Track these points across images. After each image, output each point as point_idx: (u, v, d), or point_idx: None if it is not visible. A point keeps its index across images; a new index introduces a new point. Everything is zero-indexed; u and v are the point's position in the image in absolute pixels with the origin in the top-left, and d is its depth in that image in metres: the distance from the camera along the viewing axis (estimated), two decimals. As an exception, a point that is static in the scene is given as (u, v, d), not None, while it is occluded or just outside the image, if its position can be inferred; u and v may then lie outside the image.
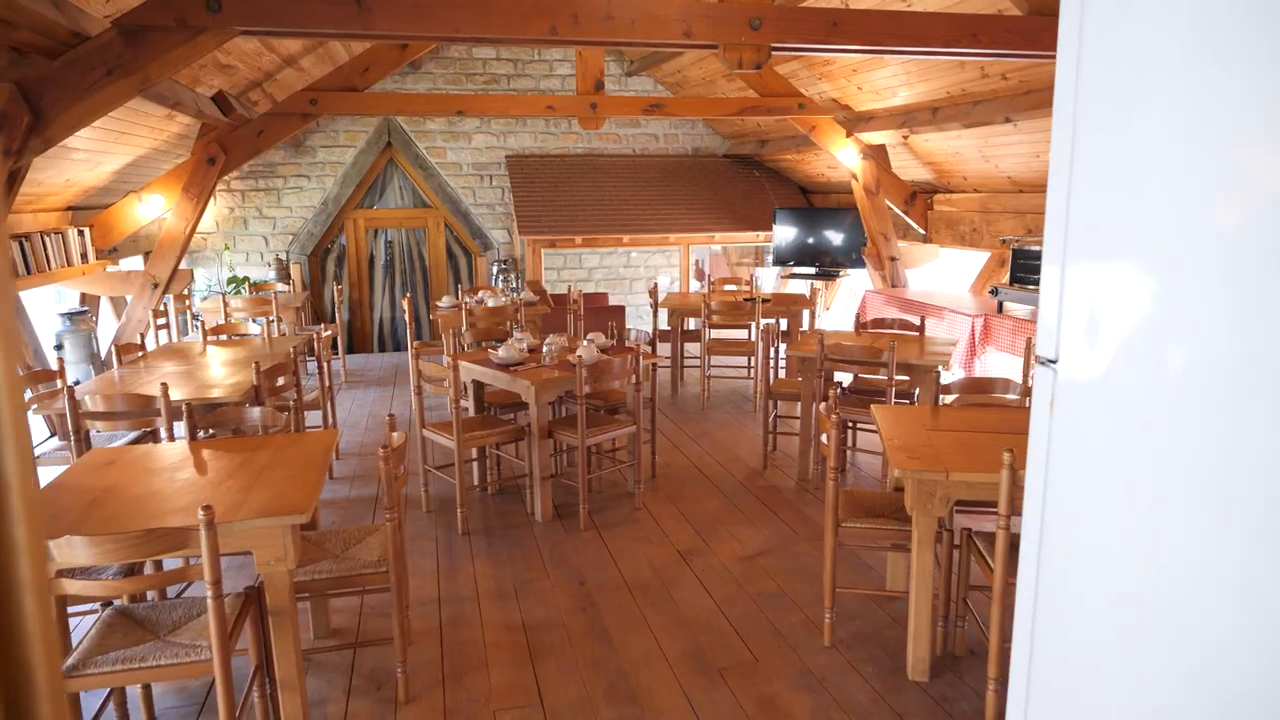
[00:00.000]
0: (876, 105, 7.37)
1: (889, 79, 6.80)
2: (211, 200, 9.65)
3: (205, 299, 9.01)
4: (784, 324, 7.27)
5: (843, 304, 10.91)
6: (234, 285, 9.47)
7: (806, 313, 7.31)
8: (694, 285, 10.49)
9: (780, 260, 9.40)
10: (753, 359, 7.14)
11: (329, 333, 5.62)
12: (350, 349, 10.46)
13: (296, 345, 4.86)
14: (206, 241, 9.77)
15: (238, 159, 6.66)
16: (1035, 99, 5.63)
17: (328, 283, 10.24)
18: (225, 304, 7.10)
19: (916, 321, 5.61)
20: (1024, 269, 5.86)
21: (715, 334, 7.00)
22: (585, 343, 4.87)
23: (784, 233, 9.24)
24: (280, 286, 8.61)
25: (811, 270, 9.21)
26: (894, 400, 4.66)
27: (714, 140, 10.94)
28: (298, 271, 9.79)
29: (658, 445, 5.60)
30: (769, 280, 10.73)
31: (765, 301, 6.93)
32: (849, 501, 3.41)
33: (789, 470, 5.38)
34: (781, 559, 4.10)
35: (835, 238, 8.95)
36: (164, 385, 3.79)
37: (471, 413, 5.04)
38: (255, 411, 3.46)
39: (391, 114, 8.84)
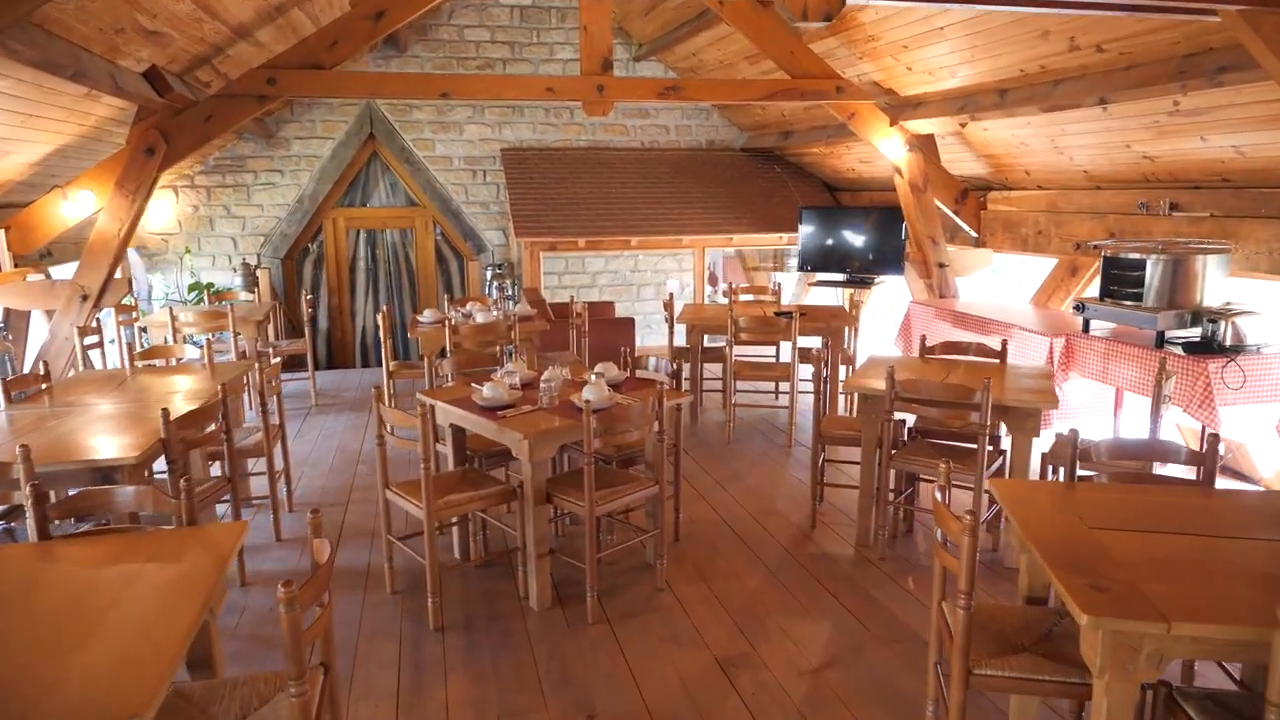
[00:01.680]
0: (928, 88, 6.36)
1: (945, 56, 5.78)
2: (174, 197, 8.67)
3: (164, 307, 8.03)
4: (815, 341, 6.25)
5: (872, 313, 9.88)
6: (196, 293, 8.47)
7: (847, 329, 6.30)
8: (705, 292, 9.46)
9: (803, 265, 8.36)
10: (783, 384, 6.13)
11: (278, 359, 4.60)
12: (329, 363, 9.45)
13: (228, 382, 3.84)
14: (168, 244, 8.75)
15: (182, 148, 5.63)
16: (1139, 75, 4.61)
17: (303, 290, 9.22)
18: (173, 318, 6.08)
19: (993, 344, 4.61)
20: (1120, 280, 4.83)
21: (738, 350, 5.99)
22: (593, 377, 3.86)
23: (809, 234, 8.20)
24: (244, 295, 7.60)
25: (840, 276, 8.15)
26: (985, 452, 3.66)
27: (731, 132, 9.93)
28: (266, 278, 8.76)
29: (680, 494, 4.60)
30: (790, 287, 9.70)
31: (802, 315, 5.92)
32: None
33: (842, 531, 4.38)
34: (853, 672, 3.10)
35: (867, 240, 7.91)
36: (24, 449, 2.79)
37: (451, 463, 4.03)
38: (127, 491, 2.46)
39: (366, 96, 7.84)
